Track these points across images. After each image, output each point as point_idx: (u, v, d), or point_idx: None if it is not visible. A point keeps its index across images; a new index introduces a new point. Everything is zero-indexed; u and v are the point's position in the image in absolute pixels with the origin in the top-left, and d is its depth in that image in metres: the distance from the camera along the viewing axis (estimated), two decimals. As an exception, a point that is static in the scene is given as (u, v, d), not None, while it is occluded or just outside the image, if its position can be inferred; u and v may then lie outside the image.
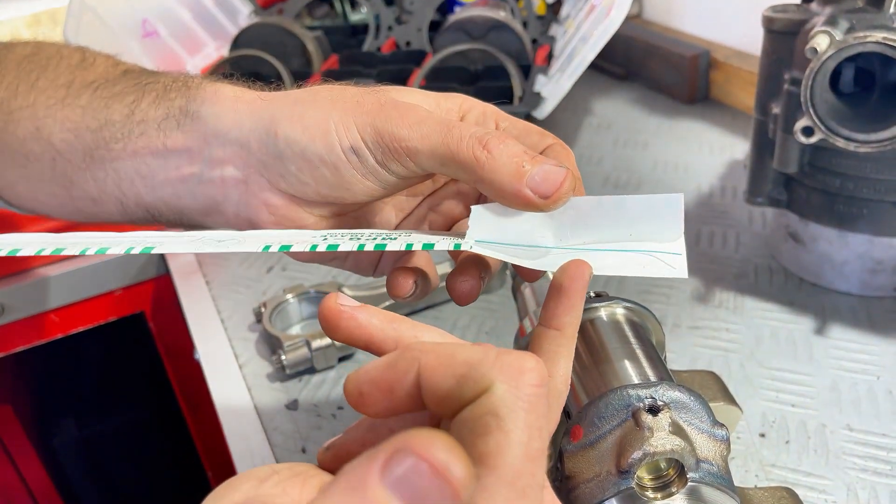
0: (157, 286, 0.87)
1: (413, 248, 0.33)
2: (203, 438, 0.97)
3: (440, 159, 0.33)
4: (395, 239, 0.33)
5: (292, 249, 0.33)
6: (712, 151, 0.90)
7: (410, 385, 0.24)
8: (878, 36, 0.50)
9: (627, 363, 0.36)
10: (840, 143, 0.54)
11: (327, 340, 0.61)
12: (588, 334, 0.39)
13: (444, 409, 0.23)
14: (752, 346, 0.60)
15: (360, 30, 1.21)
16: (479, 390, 0.22)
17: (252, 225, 0.38)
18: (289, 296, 0.67)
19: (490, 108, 0.39)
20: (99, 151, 0.41)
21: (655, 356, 0.37)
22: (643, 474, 0.33)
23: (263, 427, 0.57)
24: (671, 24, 1.12)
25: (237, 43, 1.09)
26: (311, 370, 0.62)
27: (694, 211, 0.78)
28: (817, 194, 0.61)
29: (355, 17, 1.30)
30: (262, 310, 0.66)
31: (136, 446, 1.25)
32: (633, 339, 0.38)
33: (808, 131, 0.56)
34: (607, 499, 0.33)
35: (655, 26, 1.13)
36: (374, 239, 0.33)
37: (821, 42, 0.52)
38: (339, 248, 0.33)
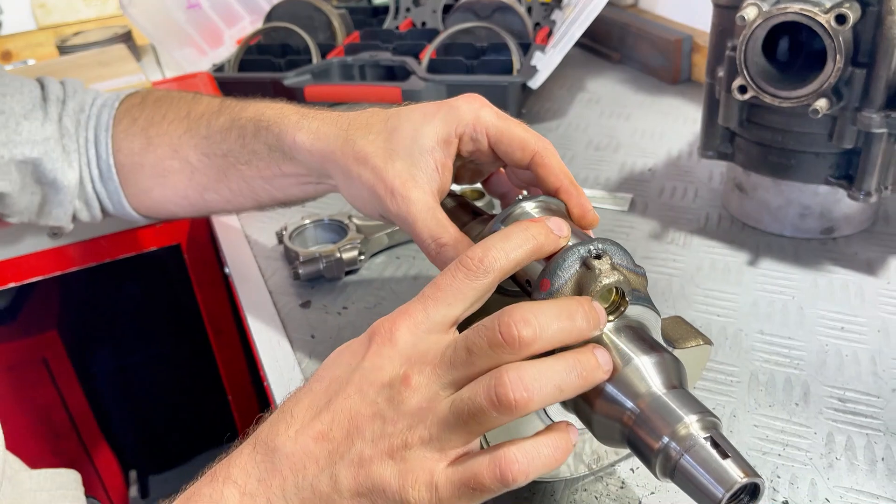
0: (194, 222, 0.99)
1: None
2: (226, 364, 1.10)
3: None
4: None
5: None
6: (686, 122, 1.01)
7: None
8: (797, 7, 0.61)
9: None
10: (767, 99, 0.65)
11: (337, 255, 0.73)
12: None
13: None
14: (693, 272, 0.71)
15: (382, 10, 1.33)
16: None
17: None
18: (307, 221, 0.79)
19: (480, 126, 0.52)
20: (230, 170, 0.63)
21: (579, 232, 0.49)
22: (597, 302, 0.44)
23: (282, 321, 0.69)
24: (662, 13, 1.22)
25: (270, 17, 1.22)
26: (322, 279, 0.74)
27: (663, 170, 0.89)
28: (755, 147, 0.72)
29: (377, -1, 1.42)
30: (283, 231, 0.78)
31: (164, 375, 1.38)
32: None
33: (742, 89, 0.66)
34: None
35: (648, 14, 1.24)
36: None
37: (749, 12, 0.63)
38: None
